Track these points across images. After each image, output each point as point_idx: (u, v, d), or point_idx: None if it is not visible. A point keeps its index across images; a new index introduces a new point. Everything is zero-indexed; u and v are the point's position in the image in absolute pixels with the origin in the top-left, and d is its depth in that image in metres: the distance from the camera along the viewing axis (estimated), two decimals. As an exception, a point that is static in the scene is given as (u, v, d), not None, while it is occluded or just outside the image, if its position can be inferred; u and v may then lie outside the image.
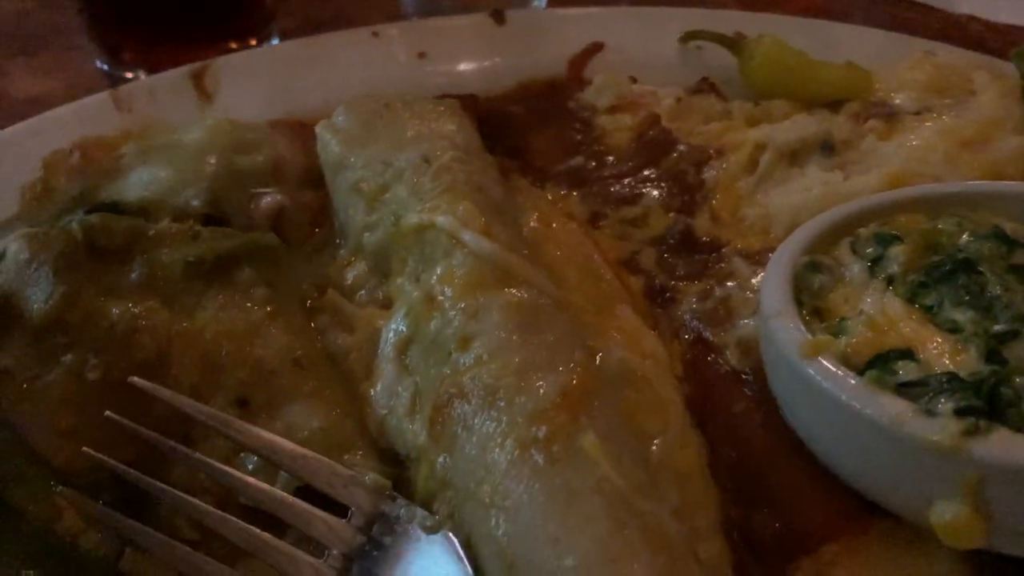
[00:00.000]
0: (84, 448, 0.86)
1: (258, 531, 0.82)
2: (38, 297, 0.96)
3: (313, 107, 1.32)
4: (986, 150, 1.21)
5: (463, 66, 1.48)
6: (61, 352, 0.94)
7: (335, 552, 0.83)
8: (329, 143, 1.18)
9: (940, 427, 0.78)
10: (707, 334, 1.04)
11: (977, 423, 0.78)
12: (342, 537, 0.83)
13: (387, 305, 1.05)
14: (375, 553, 0.84)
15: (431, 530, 0.83)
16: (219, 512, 0.86)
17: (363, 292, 1.10)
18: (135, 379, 0.90)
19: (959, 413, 0.79)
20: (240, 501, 0.89)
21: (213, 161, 1.15)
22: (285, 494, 0.85)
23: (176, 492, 0.86)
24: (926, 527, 0.82)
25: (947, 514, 0.80)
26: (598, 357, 0.96)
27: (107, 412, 0.87)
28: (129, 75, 1.57)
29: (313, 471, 0.86)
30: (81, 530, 0.86)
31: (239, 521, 0.83)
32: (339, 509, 0.86)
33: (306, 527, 0.83)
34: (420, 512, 0.85)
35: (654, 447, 0.93)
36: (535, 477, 0.79)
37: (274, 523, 0.86)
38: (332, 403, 0.95)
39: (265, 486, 0.85)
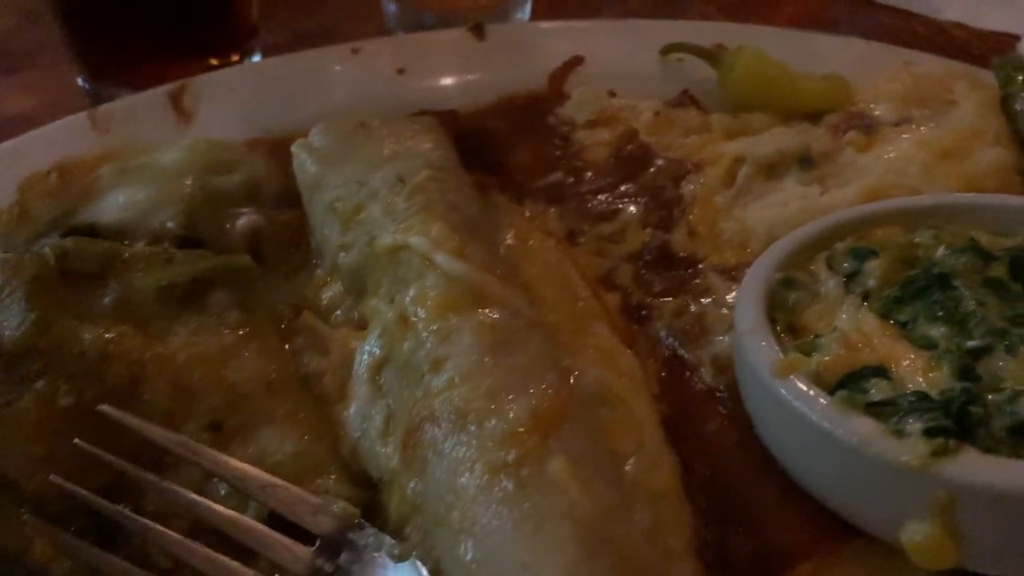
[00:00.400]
0: (52, 476, 0.86)
1: (225, 560, 0.82)
2: (10, 323, 0.95)
3: (293, 125, 1.31)
4: (964, 162, 1.20)
5: (443, 81, 1.47)
6: (33, 378, 0.93)
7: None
8: (305, 163, 1.18)
9: (909, 448, 0.78)
10: (682, 351, 1.04)
11: (946, 443, 0.78)
12: (307, 564, 0.83)
13: (362, 326, 1.05)
14: None
15: (399, 558, 0.83)
16: (186, 541, 0.86)
17: (339, 312, 1.09)
18: (105, 407, 0.90)
19: (928, 433, 0.79)
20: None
21: (189, 182, 1.15)
22: (252, 521, 0.85)
23: (143, 520, 0.86)
24: (898, 546, 0.82)
25: (918, 535, 0.79)
26: (573, 377, 0.96)
27: (76, 440, 0.86)
28: (111, 93, 1.57)
29: (281, 499, 0.86)
30: (52, 558, 0.86)
31: (207, 550, 0.83)
32: (309, 537, 0.85)
33: (271, 554, 0.83)
34: (388, 540, 0.85)
35: (628, 467, 0.92)
36: (504, 502, 0.79)
37: (247, 550, 0.86)
38: (305, 427, 0.95)
39: (232, 513, 0.85)
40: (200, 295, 1.01)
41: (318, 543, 0.86)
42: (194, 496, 0.88)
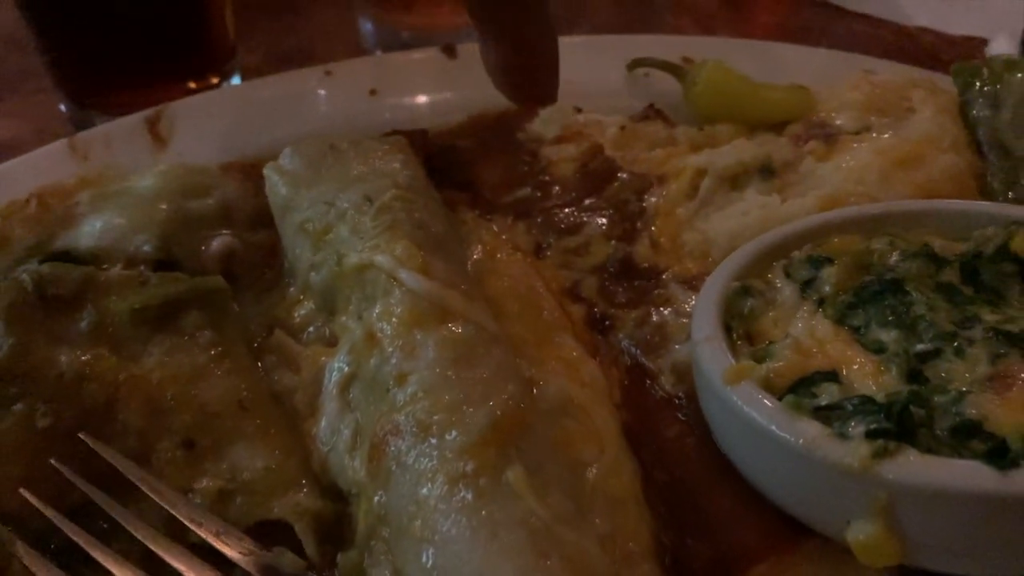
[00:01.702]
0: (22, 490, 0.89)
1: None
2: (-12, 349, 0.99)
3: (267, 147, 1.35)
4: (921, 168, 1.23)
5: (415, 100, 1.51)
6: (11, 402, 0.96)
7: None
8: (276, 184, 1.21)
9: (851, 450, 0.81)
10: (644, 360, 1.07)
11: (886, 445, 0.80)
12: None
13: (333, 343, 1.07)
14: None
15: None
16: (139, 570, 0.89)
17: (311, 330, 1.12)
18: (84, 435, 0.93)
19: (869, 435, 0.81)
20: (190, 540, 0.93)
21: (164, 207, 1.18)
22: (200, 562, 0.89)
23: (101, 546, 0.89)
24: (847, 546, 0.85)
25: (862, 534, 0.82)
26: (536, 388, 0.99)
27: (52, 460, 0.90)
28: (94, 119, 1.60)
29: (237, 545, 0.90)
30: (29, 576, 0.89)
31: None
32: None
33: None
34: None
35: (589, 474, 0.95)
36: (462, 511, 0.81)
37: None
38: (276, 443, 0.98)
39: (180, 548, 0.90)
40: (173, 317, 1.04)
41: None
42: (147, 526, 0.91)
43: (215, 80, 1.69)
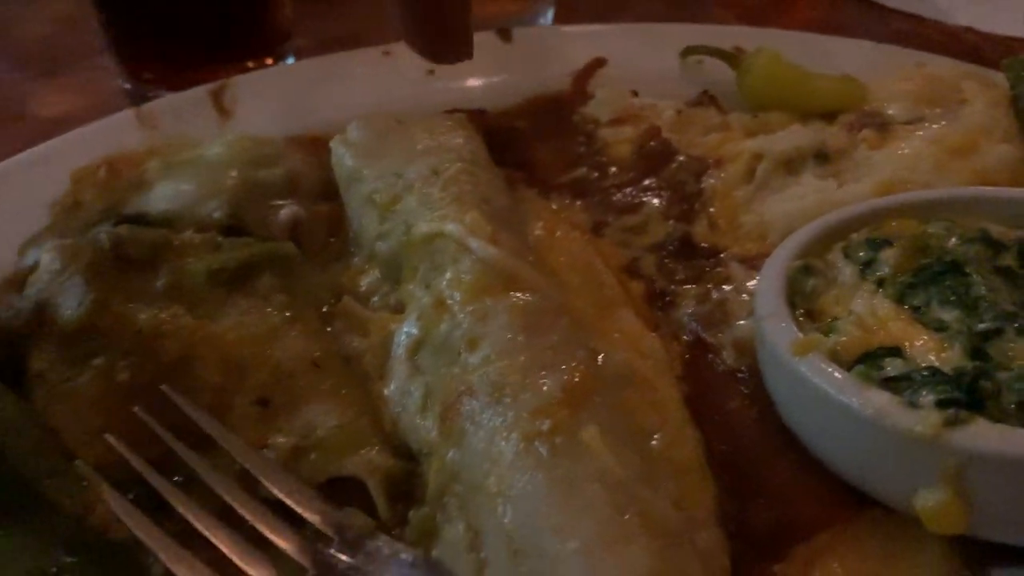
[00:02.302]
0: (106, 435, 0.91)
1: (246, 545, 0.88)
2: (70, 304, 1.01)
3: (327, 123, 1.37)
4: (974, 157, 1.25)
5: (471, 82, 1.53)
6: (91, 356, 0.99)
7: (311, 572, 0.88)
8: (343, 156, 1.23)
9: (922, 418, 0.83)
10: (705, 335, 1.09)
11: (957, 414, 0.82)
12: (327, 560, 0.88)
13: (399, 310, 1.10)
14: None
15: (414, 564, 0.87)
16: (215, 519, 0.90)
17: (376, 298, 1.15)
18: (165, 387, 0.95)
19: (940, 405, 0.83)
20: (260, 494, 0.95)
21: (233, 175, 1.21)
22: (275, 517, 0.90)
23: (178, 493, 0.91)
24: (912, 515, 0.86)
25: (930, 501, 0.84)
26: (600, 358, 1.01)
27: (135, 408, 0.92)
28: (150, 94, 1.63)
29: (307, 502, 0.92)
30: (112, 522, 0.91)
31: (230, 532, 0.88)
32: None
33: (291, 546, 0.88)
34: (402, 547, 0.89)
35: (653, 442, 0.97)
36: (539, 468, 0.83)
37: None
38: (349, 402, 1.00)
39: (260, 506, 0.91)
40: (247, 279, 1.06)
41: (336, 543, 0.90)
42: (225, 479, 0.93)
43: (269, 62, 1.72)
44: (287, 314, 1.05)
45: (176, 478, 0.95)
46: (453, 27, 1.00)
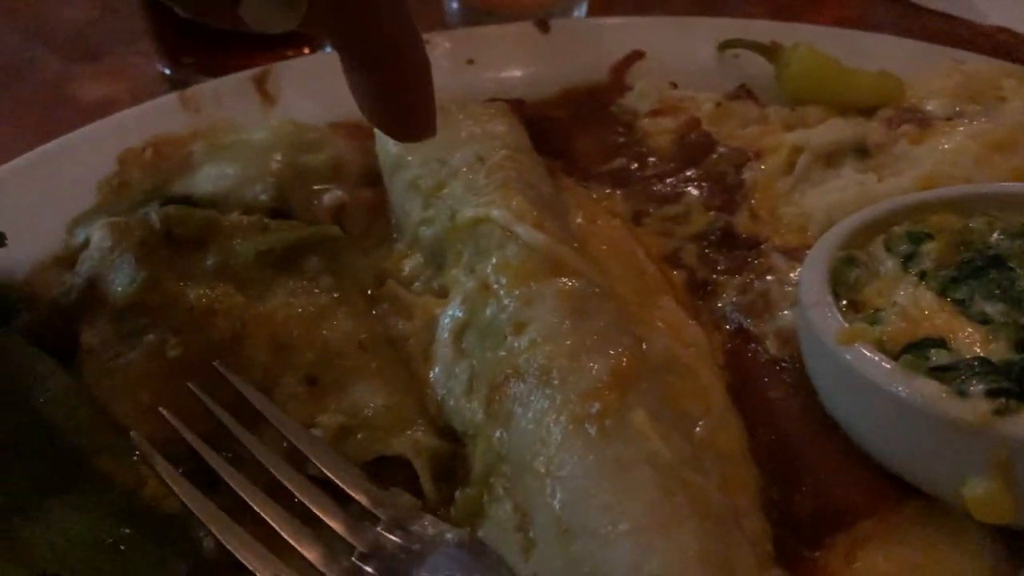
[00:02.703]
0: (160, 408, 0.93)
1: (296, 522, 0.89)
2: (121, 281, 1.02)
3: (368, 111, 1.38)
4: (1015, 154, 1.25)
5: (510, 72, 1.54)
6: (142, 332, 1.00)
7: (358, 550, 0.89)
8: (387, 143, 1.25)
9: (971, 407, 0.83)
10: (747, 325, 1.10)
11: (1007, 403, 0.83)
12: (371, 539, 0.89)
13: (442, 294, 1.11)
14: (402, 556, 0.89)
15: (459, 543, 0.88)
16: (264, 495, 0.91)
17: (418, 283, 1.15)
18: (217, 363, 0.97)
19: (990, 394, 0.83)
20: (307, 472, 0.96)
21: (279, 159, 1.22)
22: (324, 495, 0.92)
23: (230, 469, 0.93)
24: (958, 504, 0.87)
25: (978, 489, 0.84)
26: (643, 345, 1.02)
27: (188, 383, 0.94)
28: (189, 79, 1.64)
29: (354, 481, 0.93)
30: (163, 496, 0.92)
31: (277, 507, 0.90)
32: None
33: (339, 524, 0.89)
34: (447, 527, 0.90)
35: (697, 429, 0.98)
36: (588, 449, 0.84)
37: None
38: (394, 383, 1.01)
39: (309, 484, 0.92)
40: (295, 261, 1.08)
41: (382, 522, 0.91)
42: (273, 456, 0.94)
43: (306, 51, 1.73)
44: (334, 295, 1.06)
45: (227, 455, 0.97)
46: (415, 105, 0.90)
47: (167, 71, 1.72)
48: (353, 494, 0.93)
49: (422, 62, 0.87)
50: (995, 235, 1.06)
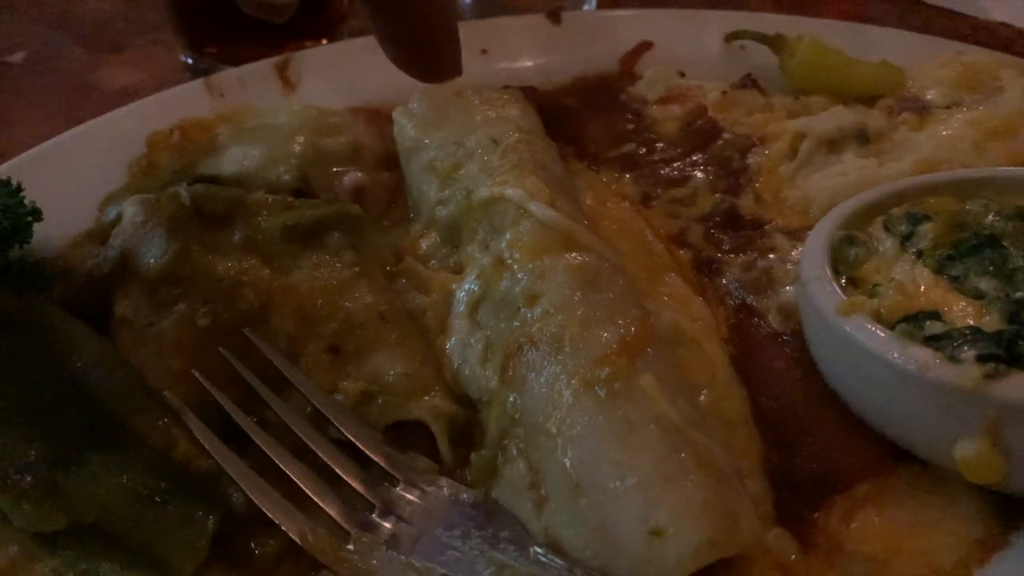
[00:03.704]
0: (192, 370, 0.98)
1: (313, 480, 0.94)
2: (153, 253, 1.07)
3: (385, 97, 1.43)
4: (1012, 140, 1.29)
5: (522, 62, 1.59)
6: (173, 302, 1.05)
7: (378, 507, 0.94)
8: (405, 127, 1.29)
9: (963, 372, 0.87)
10: (751, 300, 1.14)
11: (996, 368, 0.87)
12: (392, 497, 0.94)
13: (458, 271, 1.15)
14: (418, 514, 0.93)
15: (474, 504, 0.93)
16: (289, 456, 0.96)
17: (435, 260, 1.20)
18: (247, 330, 1.01)
19: (981, 359, 0.88)
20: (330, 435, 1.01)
21: (301, 141, 1.27)
22: (346, 457, 0.97)
23: (259, 429, 0.97)
24: (950, 466, 0.91)
25: (969, 451, 0.88)
26: (652, 318, 1.07)
27: (220, 348, 0.98)
28: (211, 68, 1.69)
29: (374, 444, 0.98)
30: (194, 455, 0.96)
31: (302, 466, 0.95)
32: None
33: (361, 483, 0.94)
34: (463, 489, 0.95)
35: (702, 397, 1.03)
36: (598, 410, 0.88)
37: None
38: (413, 352, 1.06)
39: (333, 447, 0.97)
40: (318, 236, 1.12)
41: (400, 483, 0.96)
42: (299, 419, 0.99)
43: (325, 42, 1.78)
44: (356, 269, 1.11)
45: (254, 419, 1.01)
46: (441, 45, 0.94)
47: (189, 60, 1.77)
48: (373, 456, 0.98)
49: (447, 9, 0.90)
50: (990, 216, 1.10)
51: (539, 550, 0.87)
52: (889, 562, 0.91)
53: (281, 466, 0.95)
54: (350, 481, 0.96)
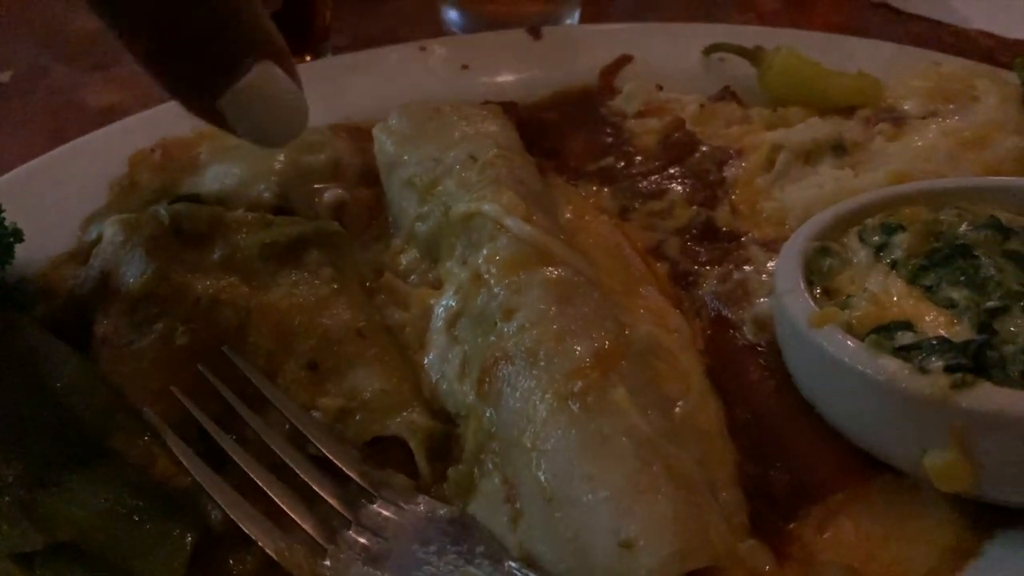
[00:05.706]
0: (172, 387, 0.98)
1: (290, 497, 0.94)
2: (132, 273, 1.08)
3: (366, 114, 1.44)
4: (986, 150, 1.31)
5: (503, 77, 1.60)
6: (152, 321, 1.05)
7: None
8: (385, 143, 1.31)
9: (930, 382, 0.89)
10: (726, 312, 1.16)
11: (963, 378, 0.88)
12: (371, 514, 0.95)
13: (437, 286, 1.16)
14: (395, 530, 0.94)
15: (450, 520, 0.93)
16: (267, 473, 0.96)
17: (415, 276, 1.21)
18: (226, 348, 1.02)
19: (948, 370, 0.89)
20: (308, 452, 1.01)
21: (281, 159, 1.28)
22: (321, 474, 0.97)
23: (241, 451, 0.98)
24: (921, 475, 0.92)
25: (939, 460, 0.90)
26: (627, 330, 1.08)
27: (199, 366, 0.99)
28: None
29: (351, 462, 0.98)
30: (173, 474, 0.97)
31: (280, 483, 0.95)
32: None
33: (337, 500, 0.95)
34: (440, 505, 0.95)
35: (678, 409, 1.03)
36: (572, 424, 0.89)
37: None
38: (391, 369, 1.07)
39: (308, 462, 0.98)
40: (297, 254, 1.13)
41: (378, 500, 0.96)
42: (276, 436, 0.99)
43: (308, 59, 1.79)
44: (334, 286, 1.12)
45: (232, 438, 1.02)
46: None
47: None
48: (350, 473, 0.99)
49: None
50: (963, 226, 1.11)
51: (514, 564, 0.87)
52: (863, 571, 0.92)
53: (259, 483, 0.96)
54: (327, 498, 0.96)
